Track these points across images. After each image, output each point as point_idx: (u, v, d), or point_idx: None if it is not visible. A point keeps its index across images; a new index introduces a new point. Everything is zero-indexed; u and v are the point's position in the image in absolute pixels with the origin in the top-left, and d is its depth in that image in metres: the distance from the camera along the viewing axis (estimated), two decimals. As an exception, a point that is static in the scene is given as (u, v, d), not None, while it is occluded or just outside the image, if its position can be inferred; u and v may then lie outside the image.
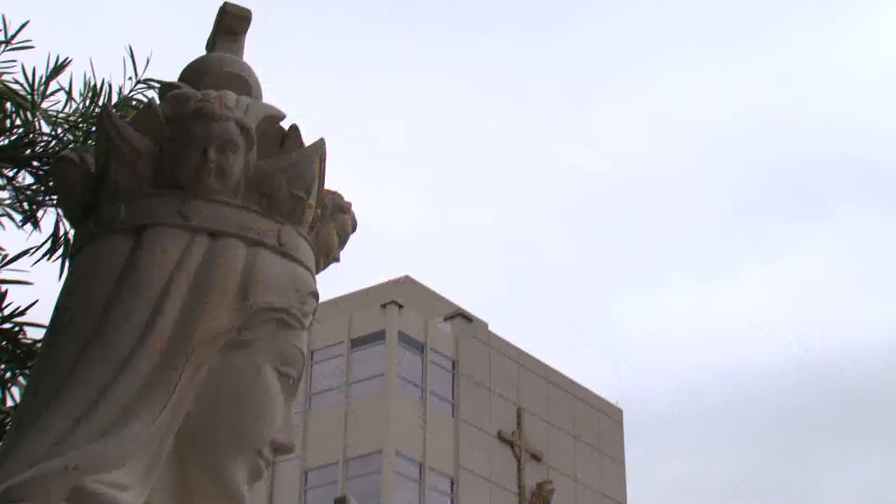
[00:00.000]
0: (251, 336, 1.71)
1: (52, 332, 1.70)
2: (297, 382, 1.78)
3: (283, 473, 34.27)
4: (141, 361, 1.62)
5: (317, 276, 1.85)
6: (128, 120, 1.86)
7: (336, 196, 1.97)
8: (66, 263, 1.87)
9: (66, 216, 2.09)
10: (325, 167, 1.87)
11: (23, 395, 1.67)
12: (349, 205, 1.98)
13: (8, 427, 1.69)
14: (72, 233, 1.91)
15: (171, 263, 1.69)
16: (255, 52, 2.09)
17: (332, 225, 1.93)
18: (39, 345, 1.95)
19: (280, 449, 1.75)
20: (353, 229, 1.99)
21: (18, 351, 2.72)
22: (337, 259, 1.96)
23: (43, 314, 1.79)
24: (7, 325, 2.71)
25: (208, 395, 1.67)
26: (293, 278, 1.76)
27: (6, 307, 2.71)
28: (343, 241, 1.96)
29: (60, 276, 2.22)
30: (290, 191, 1.81)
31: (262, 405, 1.71)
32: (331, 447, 33.72)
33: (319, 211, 1.90)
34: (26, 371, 2.61)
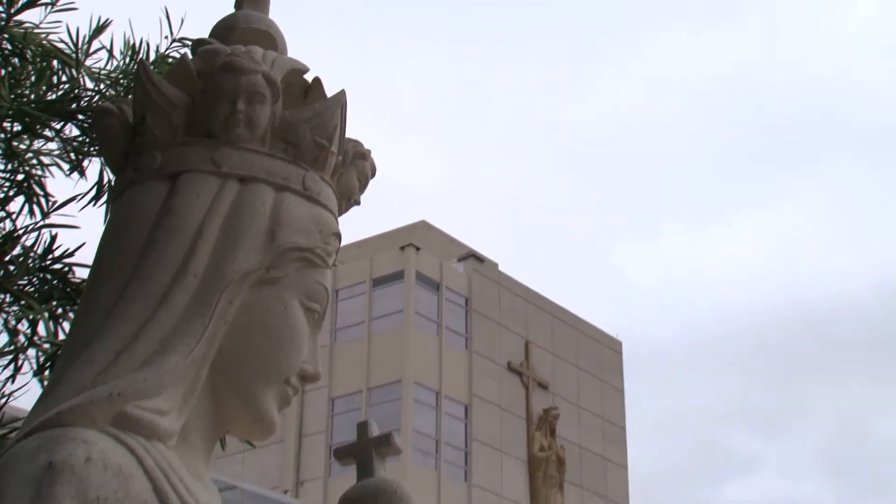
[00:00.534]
0: (279, 274, 1.71)
1: (95, 272, 1.70)
2: (321, 317, 1.79)
3: (312, 401, 34.51)
4: (177, 298, 1.61)
5: (339, 219, 1.85)
6: (163, 75, 1.86)
7: (356, 144, 1.97)
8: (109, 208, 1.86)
9: (107, 164, 2.09)
10: (345, 117, 1.87)
11: (70, 330, 1.67)
12: (368, 152, 1.98)
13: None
14: (114, 180, 1.90)
15: (203, 207, 1.68)
16: (280, 9, 2.07)
17: (352, 171, 1.92)
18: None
19: (307, 378, 1.76)
20: (373, 175, 1.98)
21: (68, 289, 2.72)
22: (358, 202, 1.95)
23: (90, 256, 1.80)
24: (57, 266, 2.72)
25: (240, 329, 1.67)
26: (317, 220, 1.76)
27: (56, 249, 2.72)
28: (363, 186, 1.96)
29: (105, 221, 2.22)
30: (313, 139, 1.80)
31: (289, 338, 1.71)
32: (354, 377, 33.93)
33: (341, 158, 1.89)
34: (75, 307, 2.62)
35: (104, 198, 2.70)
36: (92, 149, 2.86)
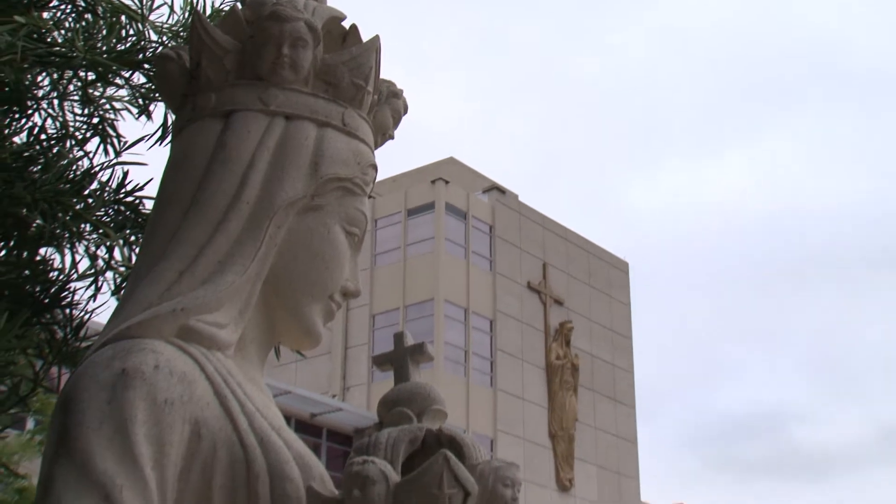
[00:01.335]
0: (322, 201, 1.70)
1: (159, 202, 1.70)
2: (360, 240, 1.78)
3: (355, 318, 34.78)
4: (232, 223, 1.61)
5: (376, 153, 1.83)
6: (215, 24, 1.84)
7: (390, 84, 1.94)
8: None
9: (168, 105, 2.08)
10: (380, 60, 1.84)
11: (138, 253, 1.67)
12: (401, 92, 1.95)
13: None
14: (174, 119, 1.90)
15: (254, 142, 1.67)
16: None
17: (386, 108, 1.90)
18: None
19: (348, 294, 1.75)
20: (405, 112, 1.96)
21: (139, 219, 2.73)
22: (392, 137, 1.93)
23: (157, 189, 1.79)
24: (129, 199, 2.73)
25: (288, 250, 1.66)
26: (355, 153, 1.74)
27: (128, 184, 2.72)
28: (396, 122, 1.94)
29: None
30: (351, 80, 1.78)
31: (332, 258, 1.70)
32: (392, 296, 34.13)
33: (376, 97, 1.87)
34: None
35: (168, 137, 2.70)
36: (157, 94, 2.85)
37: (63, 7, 2.80)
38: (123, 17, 2.88)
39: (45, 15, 2.76)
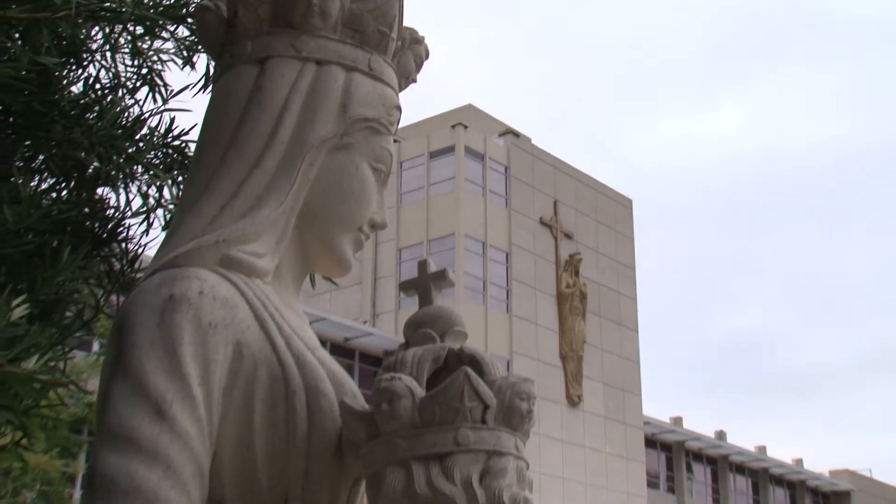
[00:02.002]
0: (350, 140, 1.67)
1: (201, 143, 1.68)
2: (386, 176, 1.76)
3: (383, 252, 34.92)
4: (268, 161, 1.59)
5: (399, 95, 1.81)
6: None
7: (412, 31, 1.91)
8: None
9: (208, 53, 2.05)
10: (403, 8, 1.80)
11: (183, 190, 1.66)
12: (423, 38, 1.91)
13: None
14: (214, 67, 1.87)
15: (287, 85, 1.64)
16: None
17: (409, 54, 1.86)
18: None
19: (375, 225, 1.74)
20: (426, 57, 1.92)
21: (185, 161, 2.72)
22: (415, 80, 1.90)
23: (199, 132, 1.78)
24: (176, 143, 2.72)
25: (320, 186, 1.64)
26: (381, 95, 1.71)
27: (175, 129, 2.71)
28: (419, 67, 1.90)
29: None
30: (376, 27, 1.75)
31: (361, 192, 1.68)
32: (417, 232, 34.21)
33: (399, 43, 1.83)
34: (190, 174, 2.62)
35: (210, 86, 2.68)
36: (199, 46, 2.82)
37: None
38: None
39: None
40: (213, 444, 1.38)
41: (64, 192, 2.58)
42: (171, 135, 2.70)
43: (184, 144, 2.72)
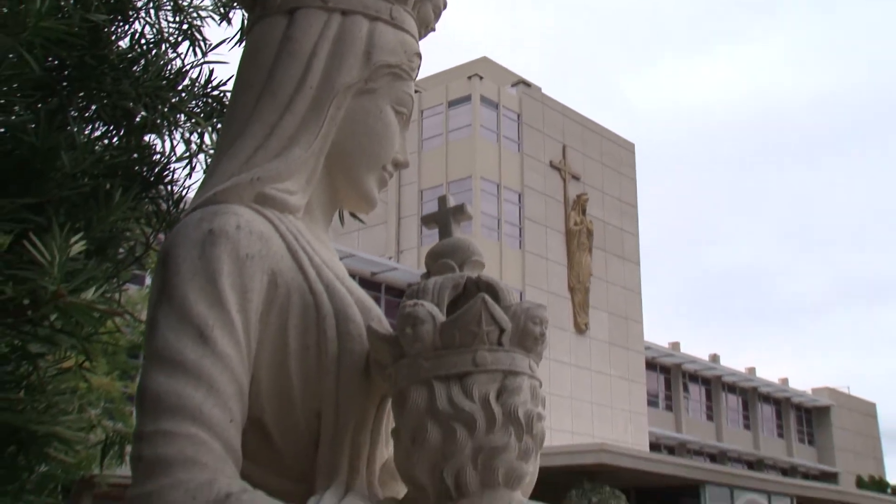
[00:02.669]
0: (374, 85, 1.64)
1: (235, 90, 1.65)
2: (408, 118, 1.72)
3: (406, 193, 34.90)
4: (298, 105, 1.56)
5: (419, 43, 1.76)
6: None
7: None
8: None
9: (242, 6, 2.01)
10: None
11: (220, 134, 1.64)
12: None
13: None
14: (247, 18, 1.84)
15: (315, 34, 1.61)
16: None
17: (428, 4, 1.81)
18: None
19: (398, 164, 1.72)
20: (444, 7, 1.87)
21: (224, 109, 2.70)
22: (434, 29, 1.85)
23: (234, 81, 1.75)
24: (215, 93, 2.70)
25: (347, 128, 1.62)
26: (402, 43, 1.68)
27: (214, 80, 2.69)
28: (437, 16, 1.85)
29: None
30: None
31: (384, 134, 1.66)
32: (437, 174, 34.14)
33: (419, -7, 1.79)
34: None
35: (244, 38, 2.65)
36: (234, 2, 2.79)
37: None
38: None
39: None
40: (252, 366, 1.38)
41: (115, 139, 2.57)
42: (210, 85, 2.68)
43: (222, 94, 2.70)
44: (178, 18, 2.75)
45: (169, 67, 2.60)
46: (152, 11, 2.69)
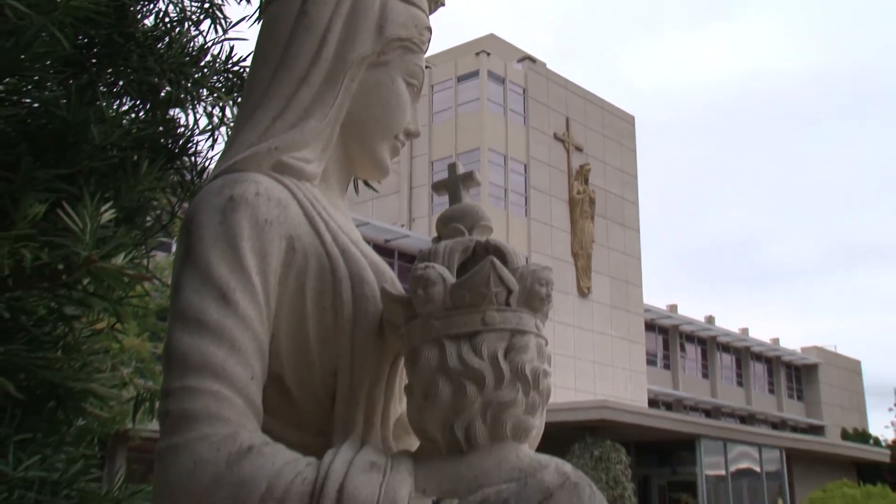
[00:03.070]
0: (387, 58, 1.62)
1: (254, 65, 1.63)
2: (419, 90, 1.70)
3: (418, 164, 34.82)
4: (314, 78, 1.54)
5: (430, 17, 1.73)
6: None
7: None
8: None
9: (260, -15, 1.99)
10: None
11: (239, 106, 1.62)
12: None
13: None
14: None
15: (330, 9, 1.58)
16: None
17: (438, -21, 1.78)
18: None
19: (410, 133, 1.69)
20: None
21: (243, 84, 2.68)
22: (443, 4, 1.82)
23: (252, 55, 1.73)
24: (236, 68, 2.67)
25: (360, 99, 1.59)
26: (413, 17, 1.65)
27: (234, 56, 2.67)
28: None
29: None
30: None
31: (397, 104, 1.64)
32: (446, 146, 34.01)
33: (428, -31, 1.76)
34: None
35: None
36: (254, -19, 2.76)
37: None
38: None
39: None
40: (271, 326, 1.37)
41: (141, 113, 2.56)
42: (230, 61, 2.66)
43: (241, 70, 2.68)
44: (200, -3, 2.72)
45: (191, 44, 2.58)
46: (175, -10, 2.67)
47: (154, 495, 1.23)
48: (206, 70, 2.62)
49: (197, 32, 2.67)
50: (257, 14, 2.66)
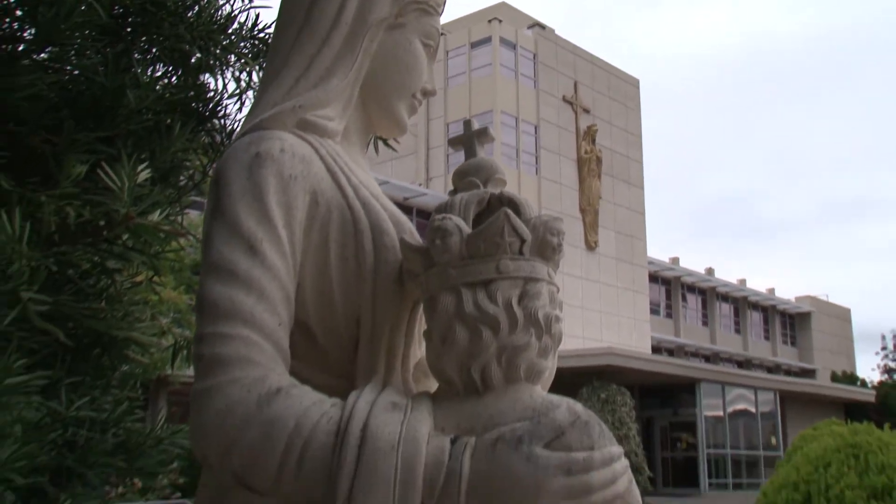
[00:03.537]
0: (404, 20, 1.58)
1: (277, 28, 1.60)
2: (434, 51, 1.66)
3: (434, 126, 34.62)
4: (335, 40, 1.51)
5: None
6: None
7: None
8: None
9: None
10: None
11: (264, 68, 1.60)
12: None
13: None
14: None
15: None
16: None
17: (452, -56, 1.74)
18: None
19: (426, 93, 1.66)
20: None
21: (268, 50, 2.66)
22: None
23: (276, 19, 1.70)
24: (261, 35, 2.65)
25: (379, 60, 1.56)
26: None
27: (260, 23, 2.64)
28: None
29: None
30: None
31: (414, 64, 1.60)
32: (461, 109, 33.77)
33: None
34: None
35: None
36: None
37: None
38: None
39: None
40: (297, 276, 1.37)
41: (173, 79, 2.54)
42: (256, 28, 2.63)
43: (266, 36, 2.65)
44: (227, -33, 2.68)
45: (219, 13, 2.55)
46: (203, -39, 2.63)
47: (190, 434, 1.24)
48: (233, 37, 2.59)
49: (224, 1, 2.63)
50: (281, -18, 2.63)
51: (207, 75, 2.56)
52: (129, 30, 2.42)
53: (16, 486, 1.63)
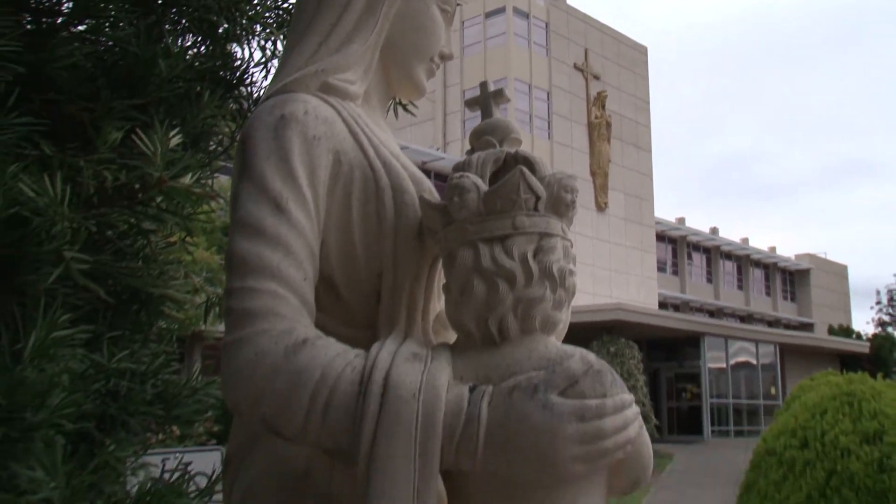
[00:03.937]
0: None
1: None
2: (451, 15, 1.63)
3: (451, 93, 34.39)
4: (355, 5, 1.48)
5: None
6: None
7: None
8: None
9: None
10: None
11: (288, 35, 1.57)
12: None
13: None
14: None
15: None
16: None
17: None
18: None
19: (444, 56, 1.64)
20: None
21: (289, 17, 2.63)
22: None
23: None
24: (285, 5, 2.61)
25: (398, 25, 1.54)
26: None
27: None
28: None
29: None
30: None
31: (431, 28, 1.58)
32: (476, 76, 33.47)
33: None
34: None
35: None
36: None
37: None
38: None
39: None
40: (321, 233, 1.36)
41: (202, 48, 2.52)
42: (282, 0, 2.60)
43: (290, 6, 2.61)
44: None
45: (245, -17, 2.52)
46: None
47: (222, 384, 1.24)
48: (258, 7, 2.56)
49: (251, -27, 2.60)
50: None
51: (234, 45, 2.54)
52: (159, 2, 2.40)
53: (65, 430, 1.65)
